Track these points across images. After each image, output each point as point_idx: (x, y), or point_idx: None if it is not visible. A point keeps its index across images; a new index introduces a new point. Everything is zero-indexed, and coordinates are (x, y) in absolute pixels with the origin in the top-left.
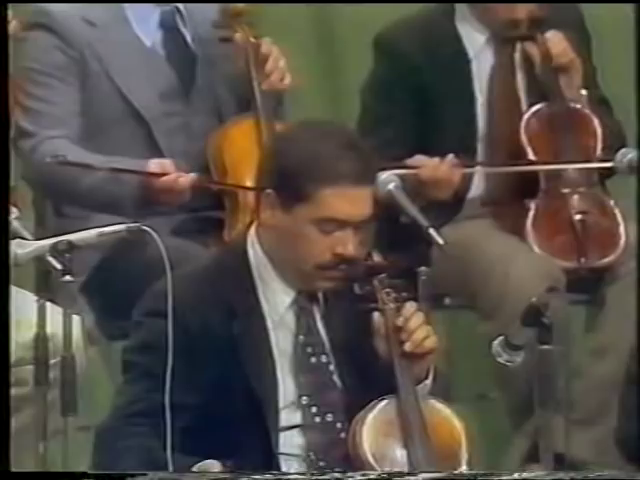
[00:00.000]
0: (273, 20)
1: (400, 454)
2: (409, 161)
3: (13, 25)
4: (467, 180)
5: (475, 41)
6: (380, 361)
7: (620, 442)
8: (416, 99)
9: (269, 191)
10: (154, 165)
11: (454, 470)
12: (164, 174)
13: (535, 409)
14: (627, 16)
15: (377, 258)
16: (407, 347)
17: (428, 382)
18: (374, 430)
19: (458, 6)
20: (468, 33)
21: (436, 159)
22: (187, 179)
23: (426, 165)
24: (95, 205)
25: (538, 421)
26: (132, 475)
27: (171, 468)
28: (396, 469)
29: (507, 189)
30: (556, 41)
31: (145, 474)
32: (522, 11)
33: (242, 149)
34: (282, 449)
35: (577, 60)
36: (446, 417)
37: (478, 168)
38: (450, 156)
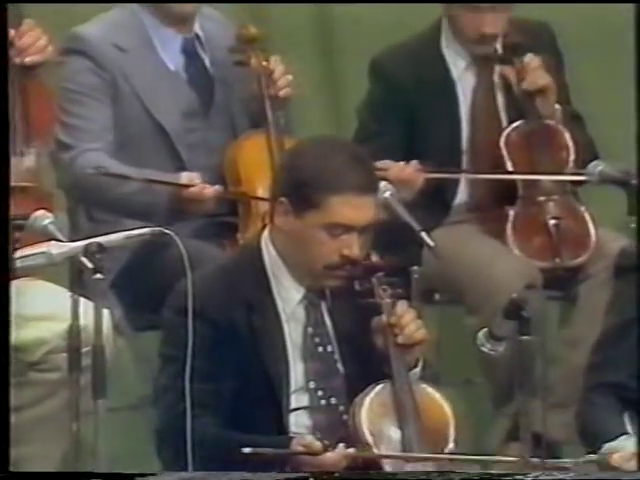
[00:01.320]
0: (281, 39)
1: (394, 432)
2: (378, 163)
3: (51, 50)
4: (453, 188)
5: (458, 64)
6: (377, 351)
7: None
8: (406, 117)
9: (283, 199)
10: (184, 177)
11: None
12: (192, 185)
13: (515, 393)
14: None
15: (375, 258)
16: (400, 340)
17: (418, 369)
18: (371, 411)
19: (444, 31)
20: (452, 56)
21: (401, 163)
22: (211, 190)
23: (392, 168)
24: (128, 212)
25: (518, 404)
26: (141, 475)
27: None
28: (390, 446)
29: (489, 197)
30: (533, 66)
31: (154, 474)
32: (490, 27)
33: (255, 161)
34: (292, 428)
35: (552, 82)
36: (435, 400)
37: (439, 175)
38: (414, 162)
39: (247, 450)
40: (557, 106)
